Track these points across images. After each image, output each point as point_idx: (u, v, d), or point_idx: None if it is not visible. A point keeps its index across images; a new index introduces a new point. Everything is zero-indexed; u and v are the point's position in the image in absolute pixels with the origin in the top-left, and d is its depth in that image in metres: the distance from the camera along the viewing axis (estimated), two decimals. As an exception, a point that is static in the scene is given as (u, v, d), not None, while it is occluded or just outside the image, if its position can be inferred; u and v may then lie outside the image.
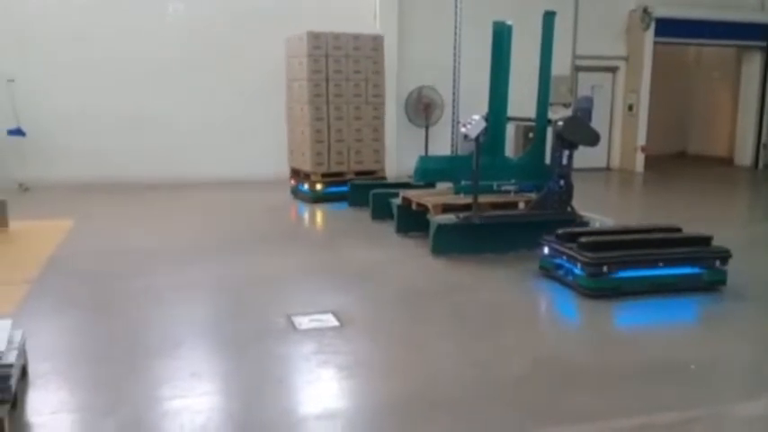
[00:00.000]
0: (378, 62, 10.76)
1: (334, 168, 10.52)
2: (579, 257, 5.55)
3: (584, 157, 8.25)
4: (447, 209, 7.13)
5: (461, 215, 6.91)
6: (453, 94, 9.85)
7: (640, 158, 14.75)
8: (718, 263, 5.72)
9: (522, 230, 6.94)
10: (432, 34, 12.65)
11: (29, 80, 11.01)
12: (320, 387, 3.98)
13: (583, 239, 5.77)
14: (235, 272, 6.34)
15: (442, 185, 8.46)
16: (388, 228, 8.21)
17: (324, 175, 10.40)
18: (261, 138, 12.33)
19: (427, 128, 12.81)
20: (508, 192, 7.51)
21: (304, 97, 10.46)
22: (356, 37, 10.54)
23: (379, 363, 4.35)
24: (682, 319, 5.38)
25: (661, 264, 5.68)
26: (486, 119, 6.87)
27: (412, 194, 7.73)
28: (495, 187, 7.43)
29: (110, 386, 3.87)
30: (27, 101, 10.95)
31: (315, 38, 10.32)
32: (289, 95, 11.17)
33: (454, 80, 9.82)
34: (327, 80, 10.46)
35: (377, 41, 10.78)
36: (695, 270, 5.75)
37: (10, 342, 3.41)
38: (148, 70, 11.82)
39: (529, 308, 5.71)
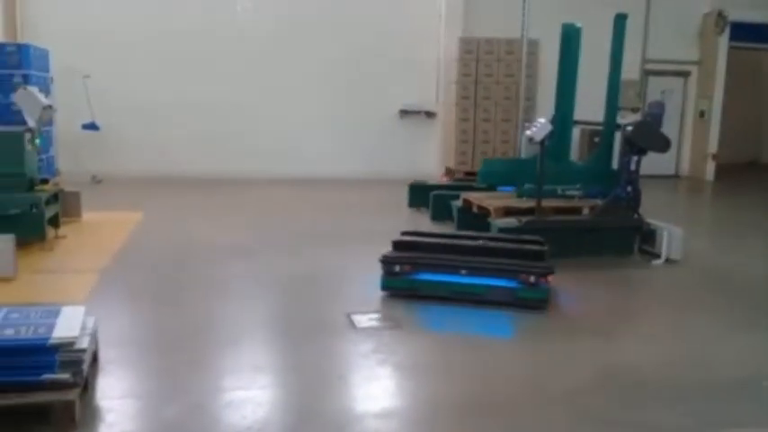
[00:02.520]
0: (531, 65, 10.90)
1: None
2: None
3: (652, 163, 8.02)
4: (509, 212, 7.05)
5: (523, 219, 6.81)
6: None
7: (711, 166, 14.25)
8: (532, 278, 5.14)
9: (586, 237, 6.79)
10: (497, 34, 12.53)
11: (104, 76, 11.41)
12: (379, 385, 3.98)
13: (398, 239, 5.62)
14: (300, 267, 6.41)
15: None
16: (448, 229, 8.14)
17: (467, 174, 10.99)
18: (341, 136, 12.50)
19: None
20: (572, 197, 7.36)
21: (451, 99, 10.82)
22: (509, 41, 10.67)
23: (437, 363, 4.33)
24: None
25: (463, 272, 5.30)
26: (553, 122, 6.75)
27: (473, 197, 7.67)
28: (559, 192, 7.30)
29: (174, 374, 3.97)
30: (101, 96, 11.35)
31: (466, 42, 10.65)
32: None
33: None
34: (476, 83, 10.77)
35: (532, 45, 10.89)
36: (509, 284, 5.21)
37: (83, 328, 3.53)
38: (223, 66, 12.15)
39: (593, 317, 5.57)
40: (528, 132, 6.67)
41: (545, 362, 4.35)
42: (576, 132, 11.68)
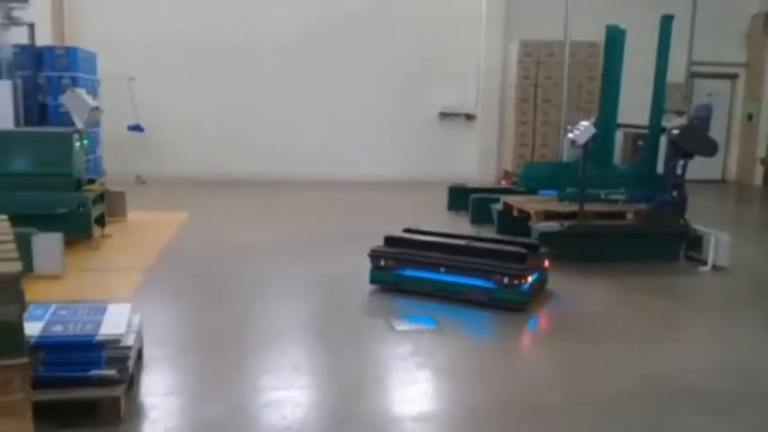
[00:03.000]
0: (593, 69, 10.82)
1: None
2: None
3: (698, 167, 7.84)
4: (550, 216, 6.97)
5: (565, 223, 6.72)
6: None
7: (759, 171, 13.87)
8: (506, 279, 5.09)
9: (630, 242, 6.67)
10: (539, 37, 12.42)
11: (149, 79, 11.64)
12: (417, 388, 3.97)
13: (390, 234, 5.78)
14: (340, 268, 6.43)
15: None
16: (487, 233, 8.08)
17: None
18: (380, 138, 12.61)
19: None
20: (616, 201, 7.24)
21: (511, 102, 10.81)
22: (572, 44, 10.63)
23: (475, 367, 4.29)
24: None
25: (443, 269, 5.34)
26: (596, 125, 6.65)
27: (513, 200, 7.61)
28: (602, 196, 7.19)
29: (215, 373, 4.01)
30: (146, 98, 11.57)
31: (525, 45, 10.63)
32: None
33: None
34: (536, 86, 10.74)
35: (593, 48, 10.82)
36: (486, 284, 5.20)
37: (129, 325, 3.60)
38: (265, 70, 12.29)
39: (638, 324, 5.47)
40: (570, 135, 6.59)
41: (586, 368, 4.28)
42: (618, 135, 11.55)
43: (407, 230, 6.11)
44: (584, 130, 6.42)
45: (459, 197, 9.42)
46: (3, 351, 2.22)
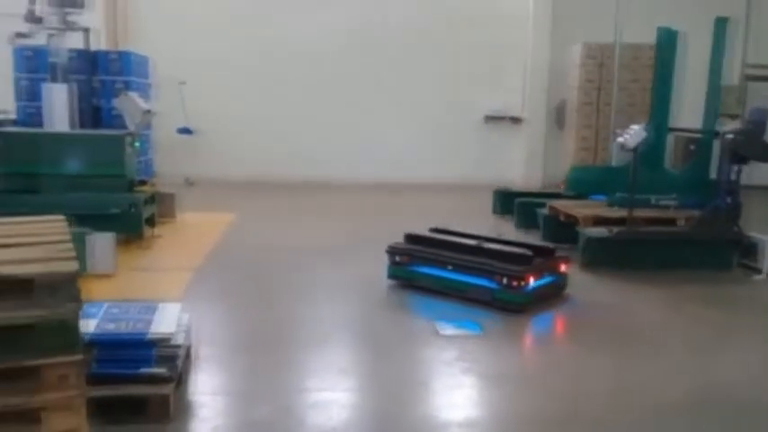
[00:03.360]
0: (638, 72, 10.74)
1: None
2: None
3: (753, 173, 7.61)
4: (598, 222, 6.84)
5: (614, 229, 6.59)
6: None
7: (818, 177, 13.36)
8: (505, 280, 5.14)
9: (681, 249, 6.50)
10: (588, 39, 12.22)
11: (199, 83, 11.84)
12: (462, 394, 3.94)
13: (409, 232, 6.00)
14: (384, 271, 6.41)
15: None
16: (533, 238, 7.99)
17: None
18: (424, 140, 12.60)
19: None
20: (667, 207, 7.07)
21: (573, 105, 10.74)
22: (636, 47, 10.53)
23: (522, 375, 4.24)
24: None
25: (450, 267, 5.50)
26: (647, 129, 6.51)
27: (560, 205, 7.49)
28: (652, 201, 7.03)
29: (262, 373, 4.05)
30: (196, 102, 11.78)
31: (588, 48, 10.56)
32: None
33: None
34: (599, 89, 10.67)
35: (638, 51, 10.70)
36: (489, 284, 5.27)
37: (179, 324, 3.66)
38: (311, 73, 12.39)
39: (689, 334, 5.33)
40: (620, 139, 6.46)
41: (635, 378, 4.18)
42: (669, 139, 11.29)
43: (433, 230, 6.23)
44: (634, 133, 6.30)
45: (505, 201, 9.33)
46: (60, 348, 2.28)
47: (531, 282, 5.24)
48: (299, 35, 12.29)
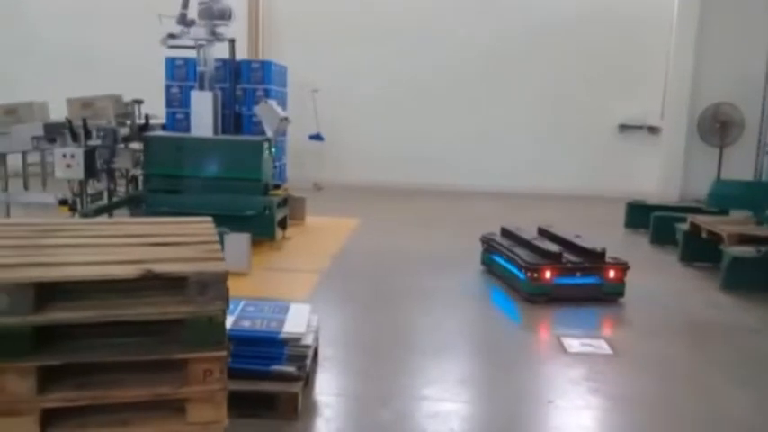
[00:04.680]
0: None
1: None
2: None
3: None
4: (744, 240, 6.36)
5: (762, 249, 6.10)
6: (762, 112, 8.79)
7: None
8: (527, 272, 5.68)
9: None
10: (736, 45, 11.43)
11: (330, 90, 12.20)
12: (591, 415, 3.79)
13: (505, 226, 6.74)
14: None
15: (738, 214, 7.60)
16: (669, 255, 7.58)
17: None
18: (554, 149, 12.36)
19: (721, 148, 11.60)
20: (825, 227, 6.46)
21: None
22: None
23: (655, 400, 4.00)
24: None
25: (504, 257, 6.15)
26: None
27: (702, 221, 7.03)
28: (808, 221, 6.46)
29: (385, 378, 4.10)
30: (327, 109, 12.16)
31: None
32: None
33: (764, 97, 8.77)
34: None
35: None
36: (519, 273, 5.78)
37: (308, 325, 3.78)
38: (435, 84, 12.46)
39: None
40: (773, 153, 5.97)
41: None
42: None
43: (540, 230, 6.72)
44: (789, 146, 5.80)
45: (639, 214, 8.90)
46: (207, 343, 2.42)
47: (548, 275, 5.61)
48: (424, 47, 12.39)
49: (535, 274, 5.62)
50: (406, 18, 12.49)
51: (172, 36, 7.41)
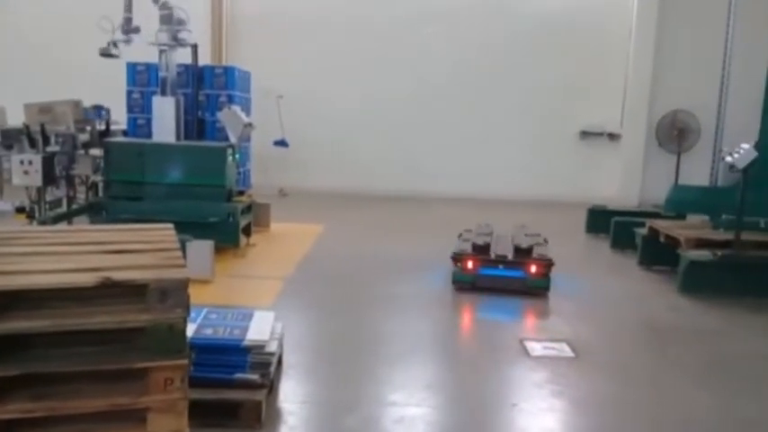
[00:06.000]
0: None
1: None
2: None
3: None
4: (701, 244, 6.52)
5: (719, 252, 6.26)
6: (718, 119, 9.04)
7: None
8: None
9: (793, 276, 6.10)
10: (693, 53, 11.75)
11: (295, 96, 12.16)
12: (554, 417, 3.83)
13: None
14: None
15: (695, 218, 7.79)
16: (629, 259, 7.73)
17: None
18: (515, 156, 12.51)
19: (679, 155, 11.89)
20: (778, 231, 6.66)
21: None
22: None
23: (617, 401, 4.07)
24: None
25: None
26: (757, 148, 6.16)
27: (661, 225, 7.19)
28: (762, 225, 6.63)
29: (350, 384, 4.09)
30: (292, 115, 12.10)
31: None
32: None
33: (720, 104, 9.02)
34: None
35: None
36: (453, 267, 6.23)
37: (272, 332, 3.76)
38: (404, 90, 12.52)
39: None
40: (729, 159, 6.14)
41: (741, 413, 3.94)
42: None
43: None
44: (744, 153, 5.97)
45: (600, 220, 9.08)
46: (167, 352, 2.39)
47: (470, 266, 6.12)
48: (390, 53, 12.45)
49: (459, 264, 6.15)
50: (372, 24, 12.53)
51: (114, 45, 7.33)
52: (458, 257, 6.20)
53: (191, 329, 3.58)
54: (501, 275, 6.13)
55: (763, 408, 4.01)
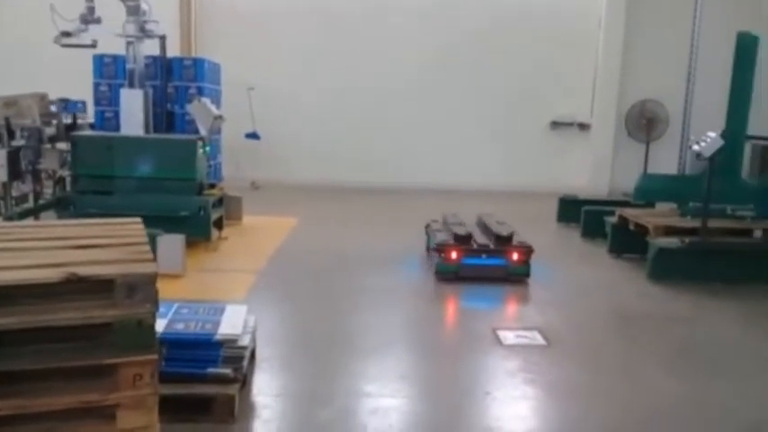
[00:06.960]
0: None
1: None
2: None
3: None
4: (670, 231, 6.63)
5: (686, 240, 6.37)
6: (685, 108, 9.18)
7: None
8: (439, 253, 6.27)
9: (758, 262, 6.23)
10: (661, 43, 11.90)
11: (266, 88, 12.07)
12: (527, 405, 3.87)
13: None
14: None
15: (664, 206, 7.91)
16: (599, 247, 7.83)
17: None
18: (487, 147, 12.57)
19: (648, 144, 12.05)
20: (744, 217, 6.79)
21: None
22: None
23: (588, 389, 4.12)
24: None
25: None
26: (723, 137, 6.27)
27: (630, 213, 7.29)
28: (728, 212, 6.76)
29: (324, 377, 4.07)
30: (263, 107, 12.01)
31: None
32: None
33: (687, 94, 9.15)
34: None
35: None
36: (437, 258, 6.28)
37: (245, 326, 3.73)
38: (378, 82, 12.51)
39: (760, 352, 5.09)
40: (695, 147, 6.24)
41: (710, 399, 4.02)
42: (747, 148, 10.83)
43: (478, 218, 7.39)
44: (710, 141, 6.07)
45: (570, 209, 9.17)
46: (136, 347, 2.36)
47: (454, 256, 6.15)
48: (362, 46, 12.41)
49: (442, 254, 6.12)
50: (344, 16, 12.47)
51: (66, 34, 7.18)
52: (441, 248, 6.19)
53: (162, 324, 3.54)
54: (484, 264, 6.19)
55: (733, 392, 4.09)
